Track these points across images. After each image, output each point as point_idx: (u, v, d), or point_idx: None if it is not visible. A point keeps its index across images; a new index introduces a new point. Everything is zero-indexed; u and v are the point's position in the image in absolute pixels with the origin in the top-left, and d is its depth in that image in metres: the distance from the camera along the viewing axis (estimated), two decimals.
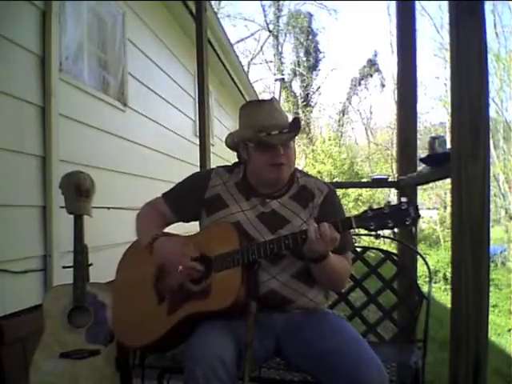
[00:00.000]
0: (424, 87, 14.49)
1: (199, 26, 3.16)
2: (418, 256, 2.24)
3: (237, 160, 1.64)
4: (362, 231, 1.38)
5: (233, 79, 6.91)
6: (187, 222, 1.65)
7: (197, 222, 1.64)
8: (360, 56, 34.62)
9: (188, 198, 1.58)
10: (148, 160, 3.93)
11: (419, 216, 1.26)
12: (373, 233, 1.30)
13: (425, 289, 1.94)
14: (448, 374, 1.52)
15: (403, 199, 1.28)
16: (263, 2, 19.60)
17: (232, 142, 1.58)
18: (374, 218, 1.27)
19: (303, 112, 18.27)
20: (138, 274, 1.53)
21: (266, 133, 1.44)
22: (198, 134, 3.19)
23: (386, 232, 1.34)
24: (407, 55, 2.63)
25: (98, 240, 2.63)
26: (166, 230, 1.62)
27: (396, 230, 1.31)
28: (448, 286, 6.91)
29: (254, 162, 1.51)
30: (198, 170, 2.96)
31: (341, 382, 1.23)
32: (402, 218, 1.26)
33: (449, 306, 1.59)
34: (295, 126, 1.47)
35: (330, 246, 1.31)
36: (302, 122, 17.18)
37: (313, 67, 19.15)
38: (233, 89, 7.35)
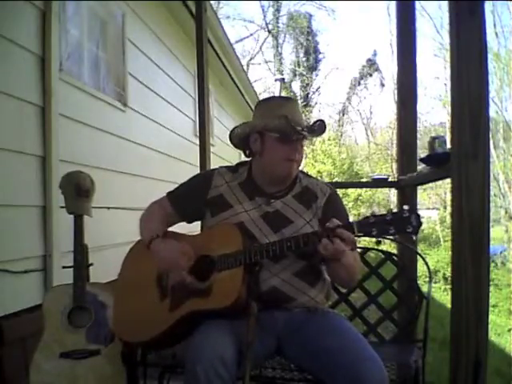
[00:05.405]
0: (424, 87, 14.45)
1: (199, 26, 3.16)
2: (418, 256, 2.24)
3: (238, 161, 1.65)
4: None
5: (233, 79, 6.90)
6: (190, 222, 1.66)
7: (199, 222, 1.66)
8: (360, 56, 34.65)
9: (191, 198, 1.60)
10: (148, 160, 3.93)
11: (421, 224, 1.27)
12: (374, 239, 1.31)
13: (425, 289, 1.94)
14: (448, 374, 1.53)
15: (405, 207, 1.29)
16: (262, 3, 19.55)
17: (243, 132, 1.54)
18: (376, 225, 1.28)
19: (303, 112, 18.27)
20: (142, 270, 1.54)
21: (301, 127, 1.45)
22: (197, 134, 3.19)
23: None
24: (407, 55, 2.64)
25: (98, 240, 2.64)
26: (171, 228, 1.64)
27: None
28: (448, 286, 6.91)
29: (270, 154, 1.49)
30: (198, 170, 2.97)
31: (341, 380, 1.23)
32: (404, 225, 1.27)
33: (449, 306, 1.59)
34: (322, 129, 1.48)
35: (351, 244, 1.30)
36: None
37: (312, 67, 19.12)
38: (233, 89, 7.35)
